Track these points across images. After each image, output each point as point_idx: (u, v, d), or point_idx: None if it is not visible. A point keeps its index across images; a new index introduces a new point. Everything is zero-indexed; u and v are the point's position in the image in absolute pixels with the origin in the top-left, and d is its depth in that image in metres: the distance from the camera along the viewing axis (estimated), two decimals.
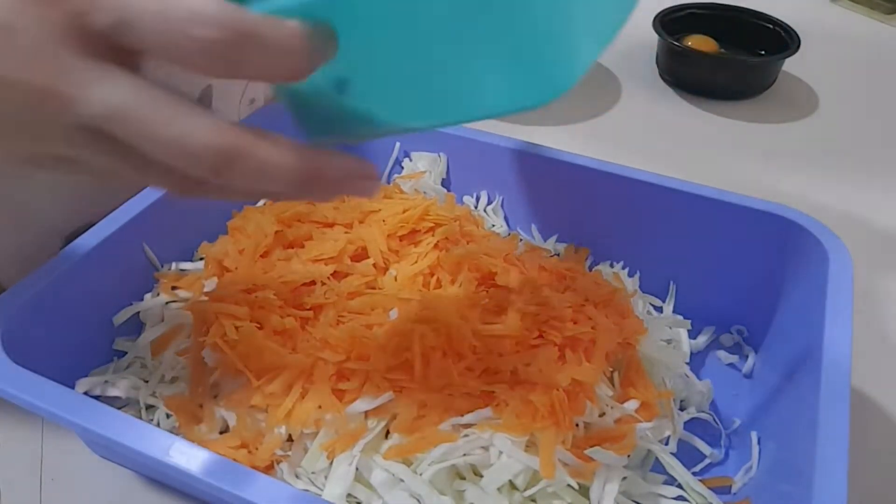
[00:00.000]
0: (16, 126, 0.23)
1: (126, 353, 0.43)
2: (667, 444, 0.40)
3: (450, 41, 0.24)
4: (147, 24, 0.22)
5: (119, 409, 0.34)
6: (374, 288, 0.43)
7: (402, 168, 0.55)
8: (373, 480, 0.36)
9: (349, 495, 0.36)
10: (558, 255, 0.51)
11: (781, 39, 0.79)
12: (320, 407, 0.36)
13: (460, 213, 0.49)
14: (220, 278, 0.43)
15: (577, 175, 0.48)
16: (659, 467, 0.39)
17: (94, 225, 0.42)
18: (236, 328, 0.39)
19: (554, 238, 0.53)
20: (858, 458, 0.33)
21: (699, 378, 0.45)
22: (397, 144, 0.55)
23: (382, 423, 0.37)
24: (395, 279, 0.44)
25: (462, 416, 0.36)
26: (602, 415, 0.38)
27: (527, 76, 0.24)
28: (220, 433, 0.38)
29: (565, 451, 0.35)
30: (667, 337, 0.46)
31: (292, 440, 0.37)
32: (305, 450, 0.37)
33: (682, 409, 0.44)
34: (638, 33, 0.84)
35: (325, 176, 0.24)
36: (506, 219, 0.54)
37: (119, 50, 0.22)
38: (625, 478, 0.37)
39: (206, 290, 0.43)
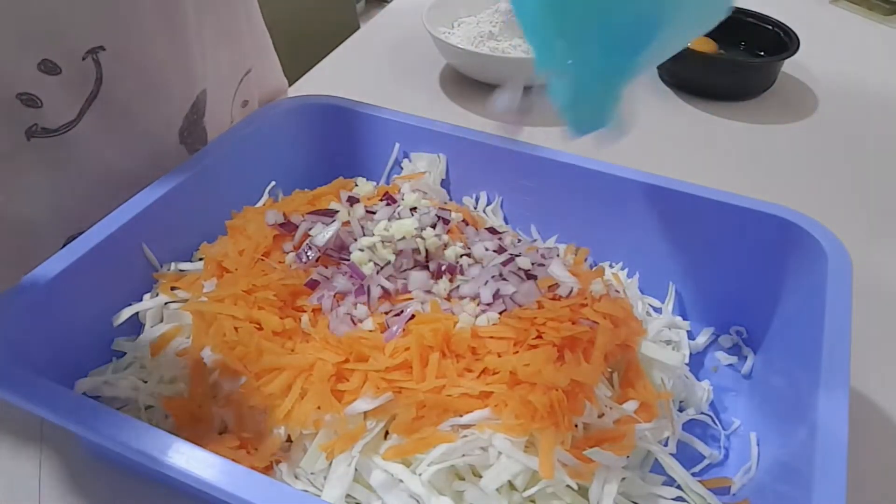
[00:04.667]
0: None
1: (125, 353, 0.43)
2: (666, 444, 0.40)
3: None
4: None
5: (118, 409, 0.34)
6: None
7: (402, 168, 0.55)
8: (372, 481, 0.36)
9: (348, 496, 0.36)
10: (558, 255, 0.51)
11: (781, 40, 0.79)
12: (319, 407, 0.36)
13: (460, 214, 0.49)
14: (219, 279, 0.43)
15: (577, 175, 0.48)
16: (658, 468, 0.39)
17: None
18: (236, 329, 0.39)
19: (553, 238, 0.53)
20: (858, 459, 0.33)
21: (698, 379, 0.45)
22: (397, 145, 0.55)
23: (381, 424, 0.37)
24: None
25: (461, 416, 0.36)
26: (601, 415, 0.38)
27: None
28: (219, 434, 0.38)
29: (564, 452, 0.35)
30: (666, 338, 0.46)
31: (291, 441, 0.37)
32: (304, 450, 0.37)
33: (681, 409, 0.44)
34: None
35: None
36: (505, 219, 0.54)
37: None
38: (624, 478, 0.37)
39: (205, 290, 0.43)
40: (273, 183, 0.53)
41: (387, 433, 0.37)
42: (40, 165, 0.45)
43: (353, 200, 0.49)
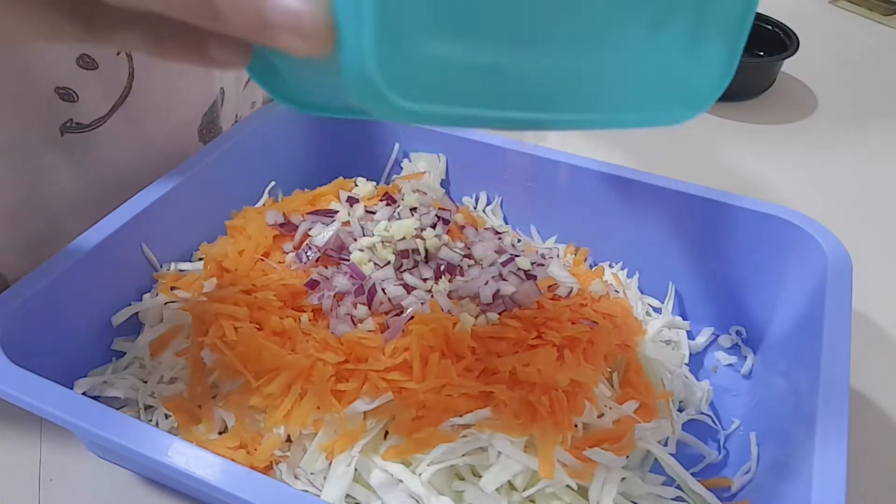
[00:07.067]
0: None
1: (125, 353, 0.43)
2: (665, 444, 0.40)
3: None
4: None
5: (118, 409, 0.34)
6: None
7: (402, 168, 0.55)
8: (371, 481, 0.36)
9: (348, 496, 0.36)
10: (558, 255, 0.51)
11: (780, 40, 0.79)
12: (319, 408, 0.36)
13: (460, 214, 0.49)
14: (219, 279, 0.43)
15: (577, 176, 0.48)
16: (658, 468, 0.39)
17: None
18: (235, 329, 0.39)
19: (553, 238, 0.53)
20: (857, 459, 0.33)
21: (698, 379, 0.45)
22: (396, 145, 0.55)
23: (381, 424, 0.37)
24: None
25: (461, 416, 0.36)
26: (601, 415, 0.38)
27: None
28: (219, 434, 0.38)
29: (564, 452, 0.35)
30: (666, 338, 0.46)
31: (291, 441, 0.37)
32: (304, 450, 0.37)
33: (680, 409, 0.44)
34: None
35: None
36: (505, 219, 0.54)
37: None
38: (624, 478, 0.37)
39: (205, 290, 0.43)
40: (273, 183, 0.53)
41: (386, 433, 0.37)
42: (68, 160, 0.46)
43: (352, 200, 0.49)
